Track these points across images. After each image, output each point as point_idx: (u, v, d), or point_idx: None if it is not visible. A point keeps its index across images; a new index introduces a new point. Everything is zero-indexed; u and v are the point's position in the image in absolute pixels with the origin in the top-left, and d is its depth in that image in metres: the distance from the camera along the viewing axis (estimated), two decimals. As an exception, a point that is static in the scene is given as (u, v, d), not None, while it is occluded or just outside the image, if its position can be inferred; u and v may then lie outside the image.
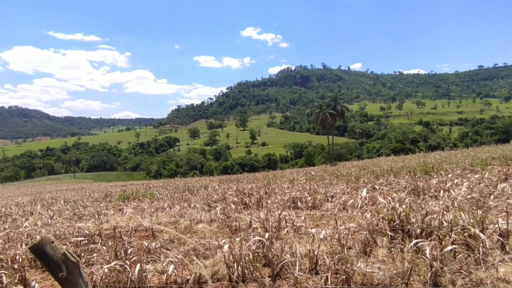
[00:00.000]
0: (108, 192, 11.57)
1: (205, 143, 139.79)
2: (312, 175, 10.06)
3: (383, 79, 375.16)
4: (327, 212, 5.49)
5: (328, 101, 58.18)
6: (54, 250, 1.62)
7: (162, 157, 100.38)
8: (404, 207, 3.64)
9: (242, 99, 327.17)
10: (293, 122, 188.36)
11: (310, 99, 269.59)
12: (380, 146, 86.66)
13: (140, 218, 5.26)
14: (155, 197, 8.23)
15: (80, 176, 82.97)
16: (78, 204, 7.72)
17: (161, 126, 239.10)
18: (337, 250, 3.06)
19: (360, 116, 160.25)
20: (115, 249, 3.29)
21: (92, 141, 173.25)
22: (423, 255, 2.69)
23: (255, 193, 7.56)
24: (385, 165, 13.79)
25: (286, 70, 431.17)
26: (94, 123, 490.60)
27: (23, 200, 11.33)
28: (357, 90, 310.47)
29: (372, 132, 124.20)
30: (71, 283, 1.64)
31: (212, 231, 4.49)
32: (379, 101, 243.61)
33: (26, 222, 5.19)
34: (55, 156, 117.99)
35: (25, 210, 7.59)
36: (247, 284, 2.88)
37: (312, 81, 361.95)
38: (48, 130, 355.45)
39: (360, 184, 7.93)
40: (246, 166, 71.37)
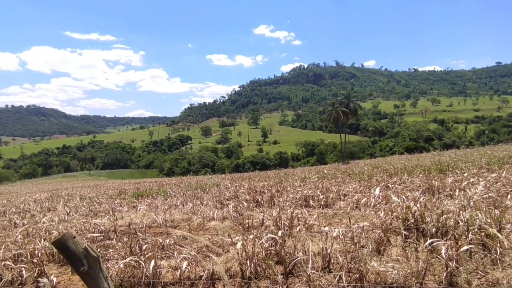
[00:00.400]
0: (122, 189, 11.83)
1: (217, 141, 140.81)
2: (324, 173, 9.96)
3: (397, 76, 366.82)
4: (339, 210, 5.43)
5: (341, 99, 57.50)
6: (76, 245, 1.68)
7: (174, 155, 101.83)
8: (418, 206, 3.56)
9: (254, 97, 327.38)
10: (305, 120, 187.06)
11: (322, 97, 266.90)
12: (394, 144, 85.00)
13: (154, 215, 5.36)
14: (168, 195, 8.36)
15: (95, 173, 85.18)
16: (93, 201, 7.94)
17: (174, 125, 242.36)
18: (350, 249, 3.03)
19: (373, 114, 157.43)
20: (130, 245, 3.37)
21: (106, 139, 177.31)
22: (438, 254, 2.63)
23: (266, 191, 7.57)
24: (399, 164, 13.49)
25: (299, 67, 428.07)
26: (109, 121, 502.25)
27: (41, 196, 11.74)
28: (370, 88, 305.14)
29: (385, 130, 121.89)
30: (91, 277, 1.70)
31: (224, 229, 4.53)
32: (393, 99, 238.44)
33: (44, 218, 5.39)
34: (71, 154, 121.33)
35: (42, 206, 7.86)
36: (260, 281, 2.90)
37: (325, 79, 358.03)
38: (65, 129, 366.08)
39: (373, 183, 7.80)
40: (258, 164, 71.51)
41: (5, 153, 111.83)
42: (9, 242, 3.87)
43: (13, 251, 3.48)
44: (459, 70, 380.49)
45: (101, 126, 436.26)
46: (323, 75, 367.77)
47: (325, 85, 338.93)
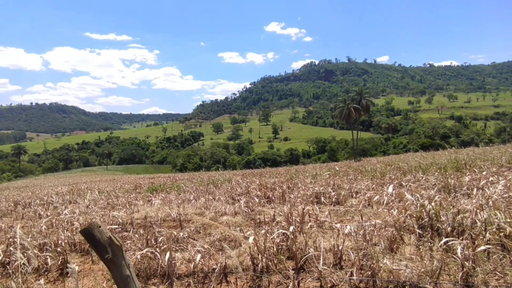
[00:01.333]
0: (137, 184, 12.14)
1: (228, 138, 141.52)
2: (336, 170, 9.91)
3: (412, 72, 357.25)
4: (351, 208, 5.42)
5: (353, 95, 56.62)
6: (101, 234, 1.77)
7: (187, 151, 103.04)
8: (433, 204, 3.51)
9: (265, 94, 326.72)
10: (316, 117, 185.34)
11: (334, 93, 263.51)
12: (408, 141, 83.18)
13: (168, 209, 5.49)
14: (181, 190, 8.52)
15: (112, 168, 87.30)
16: (111, 195, 8.20)
17: (187, 121, 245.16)
18: (362, 246, 3.04)
19: (386, 111, 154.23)
20: (146, 237, 3.49)
21: (123, 135, 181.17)
22: (453, 254, 2.60)
23: (278, 187, 7.61)
24: (413, 161, 13.22)
25: (310, 64, 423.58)
26: (125, 118, 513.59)
27: (62, 189, 12.20)
28: (383, 84, 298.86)
29: (399, 127, 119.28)
30: (115, 264, 1.79)
31: (236, 223, 4.60)
32: (407, 95, 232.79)
33: (66, 210, 5.61)
34: (89, 149, 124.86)
35: (64, 199, 8.18)
36: (271, 276, 2.95)
37: (337, 75, 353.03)
38: (84, 125, 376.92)
39: (386, 181, 7.71)
40: (269, 160, 71.49)
41: (30, 148, 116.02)
42: (34, 232, 4.07)
43: (39, 240, 3.66)
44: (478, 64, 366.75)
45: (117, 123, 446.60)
46: (335, 72, 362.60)
47: (336, 81, 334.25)
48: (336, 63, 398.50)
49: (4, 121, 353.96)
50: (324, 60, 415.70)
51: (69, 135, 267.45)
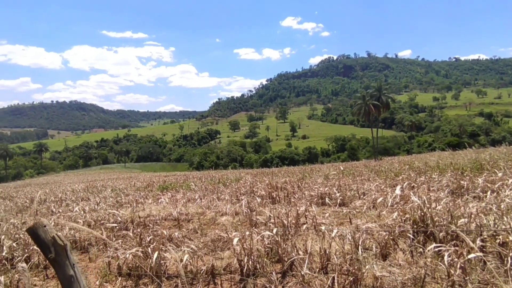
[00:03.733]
0: (150, 182, 12.49)
1: (245, 136, 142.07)
2: (340, 170, 9.72)
3: (437, 67, 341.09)
4: (354, 210, 5.30)
5: (372, 91, 55.03)
6: (45, 234, 1.84)
7: (203, 149, 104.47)
8: (428, 207, 3.38)
9: (282, 91, 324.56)
10: (335, 114, 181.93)
11: (353, 89, 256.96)
12: (433, 140, 79.76)
13: (172, 208, 5.62)
14: (190, 188, 8.68)
15: (129, 166, 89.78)
16: (122, 193, 8.50)
17: (203, 119, 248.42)
18: (351, 250, 2.97)
19: (409, 107, 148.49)
20: (139, 236, 3.59)
21: (140, 133, 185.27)
22: (442, 261, 2.49)
23: (289, 187, 7.57)
24: (432, 161, 12.68)
25: (328, 60, 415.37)
26: (142, 116, 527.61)
27: (78, 187, 12.81)
28: (406, 79, 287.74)
29: (424, 124, 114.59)
30: (58, 264, 1.86)
31: (234, 224, 4.63)
32: (432, 91, 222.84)
33: (77, 207, 5.89)
34: (108, 147, 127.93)
35: (77, 196, 8.59)
36: (257, 279, 2.95)
37: (356, 71, 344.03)
38: (103, 123, 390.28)
39: (399, 181, 7.46)
40: (286, 159, 71.12)
41: (51, 145, 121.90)
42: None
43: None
44: (509, 58, 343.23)
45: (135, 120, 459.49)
46: (354, 67, 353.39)
47: (356, 77, 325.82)
48: (355, 58, 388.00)
49: (27, 119, 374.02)
50: (343, 55, 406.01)
51: (88, 132, 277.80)
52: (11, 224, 4.57)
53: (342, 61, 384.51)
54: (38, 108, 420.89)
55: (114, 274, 3.20)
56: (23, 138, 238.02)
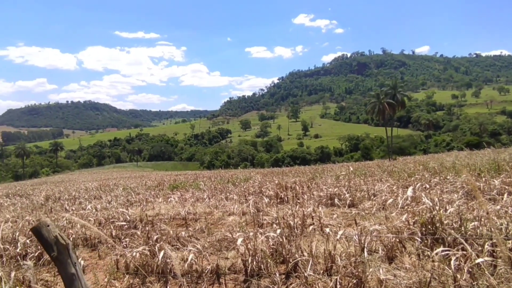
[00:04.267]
0: (161, 181, 12.72)
1: (256, 135, 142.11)
2: (350, 170, 9.57)
3: (456, 63, 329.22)
4: (363, 211, 5.22)
5: (386, 89, 53.82)
6: (48, 233, 1.90)
7: (214, 148, 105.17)
8: (437, 209, 3.28)
9: (294, 90, 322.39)
10: (348, 113, 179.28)
11: (368, 87, 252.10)
12: (451, 139, 77.26)
13: (180, 207, 5.70)
14: (199, 188, 8.78)
15: (142, 165, 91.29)
16: (133, 192, 8.70)
17: (214, 118, 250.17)
18: (355, 253, 2.93)
19: (426, 106, 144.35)
20: (146, 235, 3.67)
21: (152, 132, 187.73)
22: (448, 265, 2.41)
23: (298, 187, 7.53)
24: (448, 162, 12.29)
25: (341, 57, 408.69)
26: (154, 115, 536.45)
27: (92, 185, 13.19)
28: (423, 77, 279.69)
29: (442, 123, 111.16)
30: (60, 262, 1.92)
31: (240, 224, 4.65)
32: (451, 88, 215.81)
33: (89, 205, 6.07)
34: (121, 146, 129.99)
35: (90, 194, 8.85)
36: (261, 279, 2.95)
37: (371, 68, 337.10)
38: (116, 122, 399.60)
39: (411, 182, 7.28)
40: (298, 158, 70.68)
41: (66, 144, 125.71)
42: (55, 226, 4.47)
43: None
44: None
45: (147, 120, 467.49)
46: (368, 64, 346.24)
47: (370, 75, 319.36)
48: (370, 56, 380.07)
49: (43, 119, 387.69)
50: (357, 53, 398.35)
51: (102, 132, 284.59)
52: (26, 221, 4.76)
53: (356, 58, 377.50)
54: (53, 108, 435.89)
55: (122, 272, 3.28)
56: (39, 137, 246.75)
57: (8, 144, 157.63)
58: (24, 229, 4.07)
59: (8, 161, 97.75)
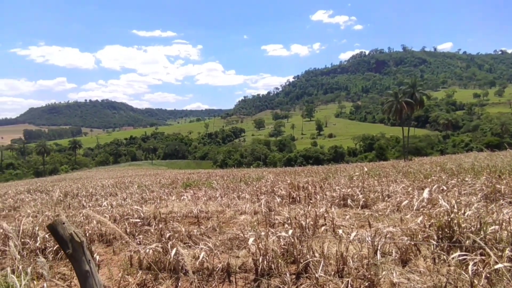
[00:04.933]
0: (175, 179, 12.92)
1: (269, 134, 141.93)
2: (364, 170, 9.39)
3: (479, 60, 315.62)
4: (377, 212, 5.11)
5: (405, 88, 52.37)
6: (64, 230, 1.96)
7: (228, 147, 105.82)
8: (455, 212, 3.17)
9: (309, 88, 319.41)
10: (364, 112, 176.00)
11: (385, 86, 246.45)
12: (471, 139, 74.41)
13: (193, 206, 5.77)
14: (212, 187, 8.86)
15: (156, 163, 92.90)
16: (147, 189, 8.88)
17: (228, 117, 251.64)
18: (368, 255, 2.87)
19: (446, 105, 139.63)
20: (159, 232, 3.74)
21: (167, 131, 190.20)
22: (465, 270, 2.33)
23: (310, 187, 7.46)
24: (467, 163, 11.85)
25: (359, 55, 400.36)
26: (169, 114, 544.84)
27: (108, 182, 13.57)
28: (444, 75, 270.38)
29: (461, 123, 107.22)
30: (75, 259, 1.97)
31: (252, 223, 4.65)
32: (473, 87, 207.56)
33: (105, 202, 6.25)
34: (136, 144, 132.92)
35: (106, 191, 9.11)
36: (271, 279, 2.95)
37: (389, 66, 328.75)
38: (132, 121, 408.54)
39: (427, 184, 7.07)
40: (311, 158, 70.05)
41: (84, 142, 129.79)
42: (72, 221, 4.63)
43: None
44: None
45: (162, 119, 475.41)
46: (387, 62, 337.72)
47: (389, 73, 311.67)
48: (389, 53, 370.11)
49: (62, 117, 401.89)
50: (375, 50, 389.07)
51: (118, 130, 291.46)
52: (46, 216, 4.96)
53: (375, 56, 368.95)
54: (73, 106, 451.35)
55: (135, 268, 3.36)
56: (59, 135, 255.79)
57: (29, 142, 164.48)
58: (44, 224, 4.23)
59: (30, 158, 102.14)
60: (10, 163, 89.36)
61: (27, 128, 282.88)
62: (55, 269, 3.33)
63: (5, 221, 5.64)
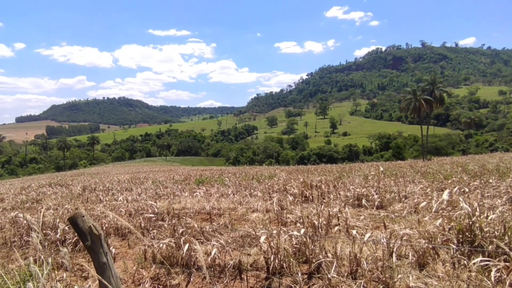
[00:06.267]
0: (188, 175, 13.09)
1: (282, 132, 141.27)
2: (380, 170, 9.17)
3: (505, 56, 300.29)
4: (393, 213, 4.97)
5: (424, 85, 50.64)
6: (83, 223, 2.01)
7: (240, 144, 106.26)
8: (477, 215, 3.03)
9: (323, 86, 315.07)
10: (380, 110, 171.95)
11: (403, 83, 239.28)
12: (495, 139, 71.31)
13: (205, 202, 5.82)
14: (224, 184, 8.91)
15: (170, 159, 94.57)
16: (161, 185, 9.04)
17: (241, 115, 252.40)
18: (383, 257, 2.79)
19: (468, 103, 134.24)
20: (173, 228, 3.79)
21: (181, 128, 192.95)
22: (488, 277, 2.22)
23: (323, 186, 7.37)
24: (491, 164, 11.36)
25: (375, 51, 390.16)
26: (183, 111, 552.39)
27: (124, 178, 13.92)
28: (466, 71, 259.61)
29: (485, 122, 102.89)
30: (93, 251, 2.02)
31: (263, 221, 4.64)
32: (498, 84, 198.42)
33: (121, 196, 6.40)
34: (151, 141, 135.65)
35: (122, 186, 9.35)
36: (282, 278, 2.92)
37: (407, 63, 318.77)
38: (147, 118, 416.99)
39: (447, 185, 6.82)
40: (324, 157, 69.27)
41: (102, 139, 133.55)
42: (90, 215, 4.78)
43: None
44: None
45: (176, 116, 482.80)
46: (405, 59, 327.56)
47: (406, 69, 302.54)
48: (407, 49, 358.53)
49: (82, 114, 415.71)
50: (392, 46, 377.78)
51: (134, 127, 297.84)
52: (66, 209, 5.13)
53: (392, 52, 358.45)
54: (91, 104, 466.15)
55: (149, 262, 3.42)
56: (78, 132, 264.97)
57: (51, 138, 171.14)
58: (64, 217, 4.39)
59: (51, 153, 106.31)
60: (33, 157, 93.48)
61: (49, 124, 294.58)
62: (74, 260, 3.45)
63: (28, 213, 5.90)
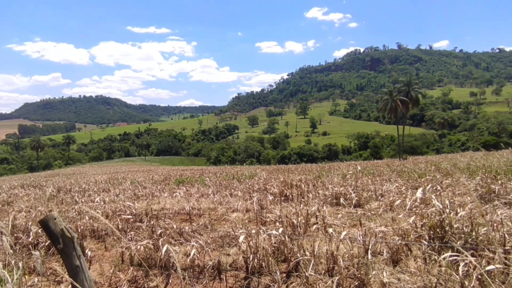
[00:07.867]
0: (168, 175, 12.86)
1: (263, 131, 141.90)
2: (358, 169, 9.43)
3: (476, 59, 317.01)
4: (369, 211, 5.13)
5: (400, 86, 52.59)
6: (55, 226, 1.95)
7: (221, 144, 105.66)
8: (447, 212, 3.19)
9: (303, 86, 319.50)
10: (359, 110, 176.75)
11: (380, 84, 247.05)
12: (467, 139, 75.22)
13: (185, 202, 5.74)
14: (205, 183, 8.82)
15: (149, 159, 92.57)
16: (140, 185, 8.82)
17: (222, 114, 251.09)
18: (359, 254, 2.88)
19: (442, 103, 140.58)
20: (151, 229, 3.71)
21: (160, 127, 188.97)
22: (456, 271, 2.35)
23: (303, 185, 7.46)
24: (462, 162, 11.97)
25: (354, 52, 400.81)
26: (163, 110, 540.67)
27: (101, 178, 13.45)
28: (440, 73, 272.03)
29: (457, 122, 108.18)
30: (65, 254, 1.96)
31: (243, 221, 4.64)
32: (469, 85, 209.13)
33: (97, 197, 6.18)
34: (130, 140, 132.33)
35: (99, 187, 9.03)
36: (261, 277, 2.94)
37: (384, 64, 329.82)
38: (125, 117, 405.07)
39: (421, 183, 7.11)
40: (305, 156, 70.28)
41: (78, 138, 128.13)
42: (64, 217, 4.57)
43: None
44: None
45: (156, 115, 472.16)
46: (382, 60, 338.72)
47: (384, 71, 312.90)
48: (384, 51, 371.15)
49: (57, 112, 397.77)
50: (370, 48, 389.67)
51: (112, 126, 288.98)
52: (39, 211, 4.89)
53: (370, 53, 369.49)
54: (67, 102, 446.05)
55: (127, 264, 3.33)
56: (53, 131, 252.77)
57: (24, 137, 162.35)
58: (36, 219, 4.16)
59: (24, 153, 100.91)
60: (4, 158, 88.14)
61: (22, 123, 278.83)
62: (47, 264, 3.30)
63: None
